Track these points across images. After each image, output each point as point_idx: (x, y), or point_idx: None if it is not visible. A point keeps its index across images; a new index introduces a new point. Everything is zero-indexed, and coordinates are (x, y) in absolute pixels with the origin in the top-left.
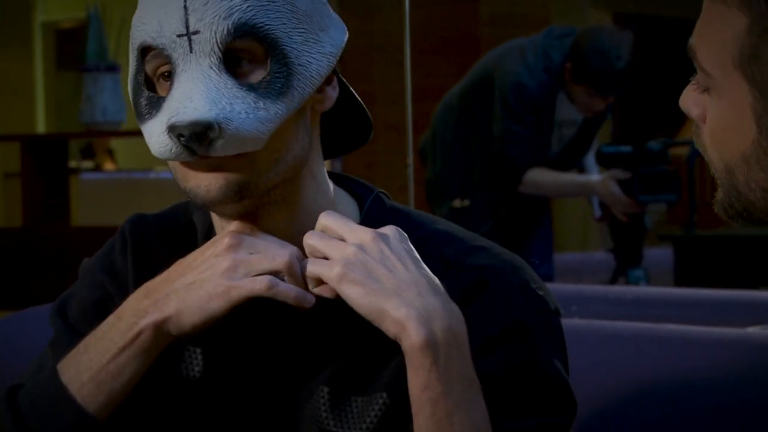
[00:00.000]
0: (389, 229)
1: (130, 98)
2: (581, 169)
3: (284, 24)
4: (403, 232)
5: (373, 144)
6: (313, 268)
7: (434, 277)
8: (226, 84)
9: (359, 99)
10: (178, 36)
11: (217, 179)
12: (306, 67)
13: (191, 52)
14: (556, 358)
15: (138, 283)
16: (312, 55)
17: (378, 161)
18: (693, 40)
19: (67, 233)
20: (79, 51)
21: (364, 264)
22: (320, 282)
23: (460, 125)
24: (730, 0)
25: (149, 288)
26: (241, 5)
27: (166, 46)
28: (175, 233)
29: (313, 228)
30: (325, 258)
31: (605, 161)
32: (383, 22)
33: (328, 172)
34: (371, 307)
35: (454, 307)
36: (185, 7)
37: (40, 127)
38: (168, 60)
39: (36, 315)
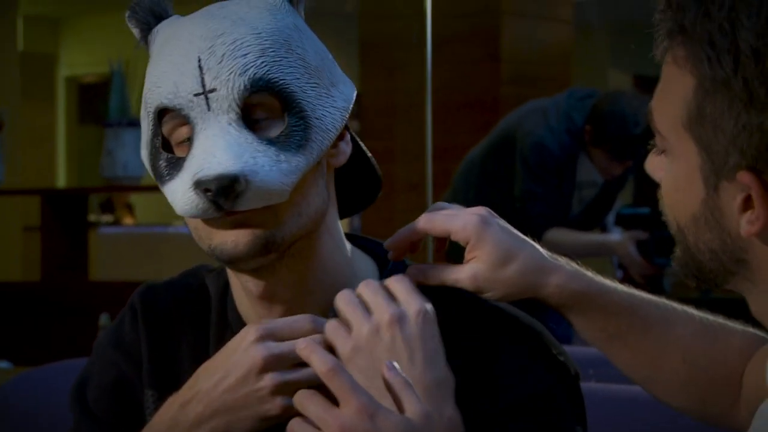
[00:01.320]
0: (415, 309)
1: (147, 163)
2: (603, 229)
3: (297, 79)
4: (432, 310)
5: (393, 202)
6: (331, 335)
7: (443, 373)
8: (246, 139)
9: (369, 155)
10: (195, 95)
11: (244, 234)
12: (322, 120)
13: (209, 110)
14: (579, 425)
15: (153, 355)
16: (326, 109)
17: (397, 219)
18: (652, 104)
19: (86, 287)
20: (102, 106)
21: (371, 353)
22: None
23: (481, 184)
24: (682, 63)
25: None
26: (255, 62)
27: (184, 106)
28: (188, 300)
29: (328, 285)
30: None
31: (624, 223)
32: (405, 80)
33: (345, 233)
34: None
35: (454, 415)
36: (200, 66)
37: (61, 181)
38: (186, 120)
39: (55, 371)
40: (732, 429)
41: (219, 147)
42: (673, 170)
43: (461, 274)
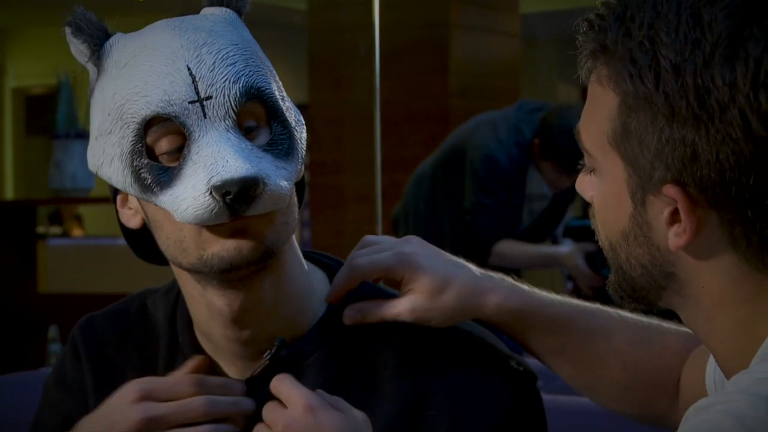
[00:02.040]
0: (301, 405)
1: (125, 177)
2: (554, 241)
3: (275, 89)
4: (318, 396)
5: (342, 213)
6: (267, 414)
7: None
8: (246, 145)
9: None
10: (190, 102)
11: (246, 241)
12: (297, 130)
13: (205, 117)
14: None
15: (98, 389)
16: (295, 120)
17: (347, 230)
18: (579, 124)
19: (35, 299)
20: (50, 117)
21: None
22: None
23: (431, 197)
24: (605, 82)
25: None
26: (244, 70)
27: (178, 114)
28: (130, 326)
29: (293, 298)
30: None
31: (573, 234)
32: (353, 92)
33: None
34: None
35: None
36: (191, 74)
37: (9, 193)
38: (178, 129)
39: (3, 383)
40: (672, 429)
41: (228, 152)
42: (602, 187)
43: (400, 308)
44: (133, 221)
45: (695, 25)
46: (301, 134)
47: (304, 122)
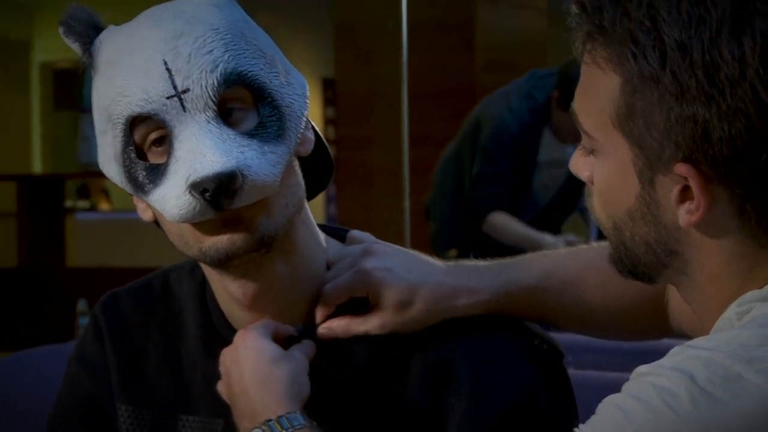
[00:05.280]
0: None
1: (119, 177)
2: (583, 212)
3: (262, 69)
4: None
5: (370, 188)
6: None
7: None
8: (228, 135)
9: (324, 140)
10: (168, 98)
11: (238, 231)
12: (291, 107)
13: (185, 111)
14: (567, 417)
15: (122, 367)
16: (291, 97)
17: (375, 205)
18: (575, 105)
19: (63, 273)
20: (77, 91)
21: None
22: None
23: (455, 177)
24: (604, 63)
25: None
26: (222, 56)
27: (158, 111)
28: (153, 303)
29: (309, 277)
30: None
31: None
32: (381, 67)
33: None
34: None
35: None
36: (168, 69)
37: (37, 167)
38: (161, 124)
39: (33, 356)
40: (665, 334)
41: (206, 146)
42: (605, 168)
43: (368, 325)
44: (145, 215)
45: (697, 2)
46: (298, 112)
47: (307, 96)
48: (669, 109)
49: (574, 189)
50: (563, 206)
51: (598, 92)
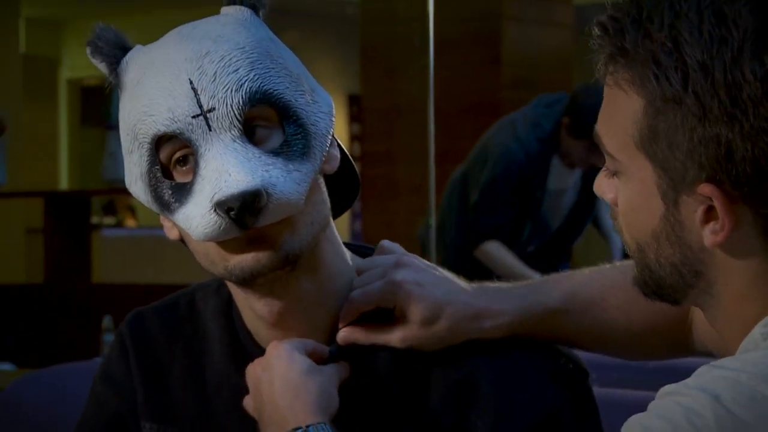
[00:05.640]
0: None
1: (145, 196)
2: (598, 225)
3: (288, 88)
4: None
5: (395, 204)
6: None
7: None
8: (254, 153)
9: (350, 157)
10: (193, 117)
11: (263, 249)
12: (316, 126)
13: (210, 130)
14: None
15: (147, 385)
16: (316, 115)
17: (399, 221)
18: (598, 127)
19: (89, 289)
20: (104, 108)
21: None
22: None
23: (460, 201)
24: (626, 85)
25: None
26: (248, 75)
27: (183, 130)
28: (178, 321)
29: (335, 294)
30: None
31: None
32: (407, 83)
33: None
34: None
35: None
36: (193, 88)
37: (63, 184)
38: (186, 143)
39: (58, 373)
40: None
41: (231, 165)
42: (628, 190)
43: (390, 337)
44: (171, 233)
45: (719, 22)
46: (323, 130)
47: (332, 114)
48: (692, 130)
49: (582, 213)
50: (572, 230)
51: (621, 114)
